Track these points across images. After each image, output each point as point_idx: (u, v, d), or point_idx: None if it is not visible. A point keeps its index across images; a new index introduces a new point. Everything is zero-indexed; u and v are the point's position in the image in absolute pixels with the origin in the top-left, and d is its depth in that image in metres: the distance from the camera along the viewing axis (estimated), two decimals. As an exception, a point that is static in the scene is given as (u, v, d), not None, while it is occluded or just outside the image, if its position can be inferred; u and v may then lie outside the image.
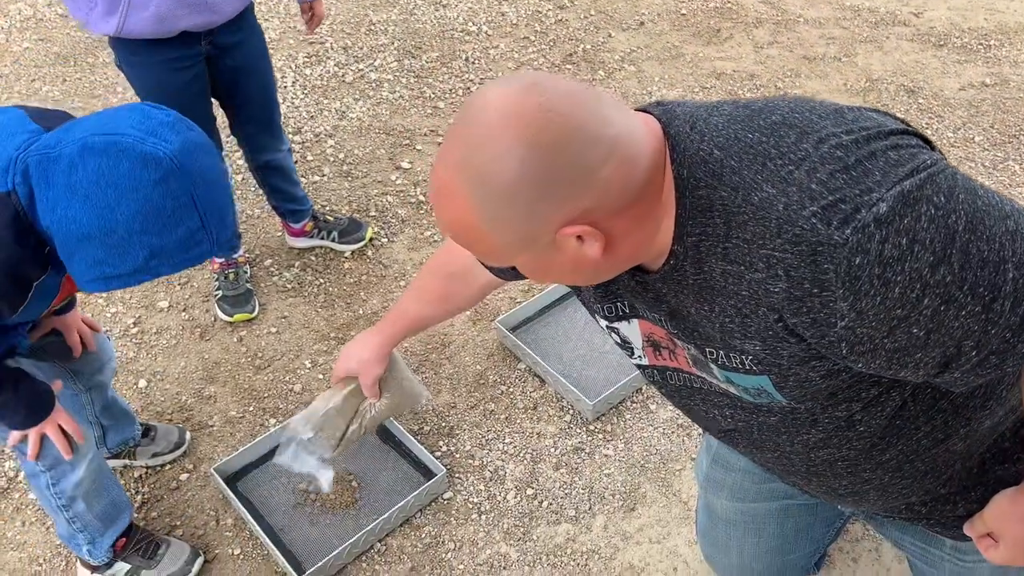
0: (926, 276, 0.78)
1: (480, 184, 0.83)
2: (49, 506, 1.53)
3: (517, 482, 1.81)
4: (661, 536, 1.69)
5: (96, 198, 1.10)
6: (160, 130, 1.13)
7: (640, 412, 1.93)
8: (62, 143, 1.13)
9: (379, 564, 1.68)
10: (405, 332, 1.48)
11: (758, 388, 0.98)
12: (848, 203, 0.78)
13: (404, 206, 2.57)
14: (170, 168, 1.11)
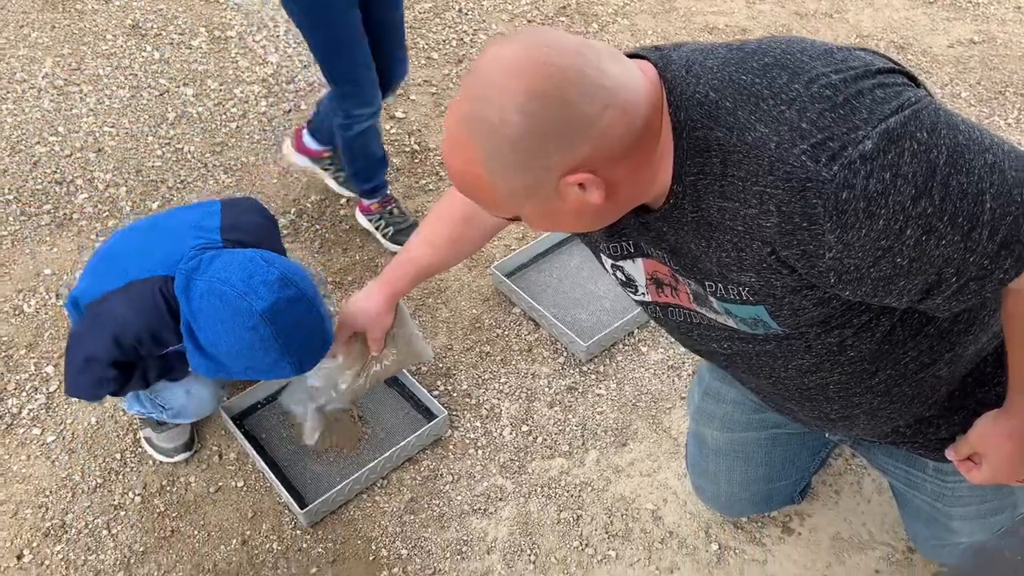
0: (908, 208, 0.82)
1: (485, 134, 0.86)
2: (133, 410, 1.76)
3: (512, 419, 1.86)
4: (651, 470, 1.76)
5: (207, 328, 1.45)
6: (259, 288, 1.43)
7: (632, 354, 1.99)
8: (201, 274, 1.46)
9: (379, 496, 1.74)
10: (413, 280, 1.50)
11: (755, 318, 1.02)
12: (836, 141, 0.82)
13: (399, 155, 2.58)
14: (260, 320, 1.42)
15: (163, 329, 1.52)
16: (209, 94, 2.85)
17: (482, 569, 1.61)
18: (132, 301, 1.51)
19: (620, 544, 1.64)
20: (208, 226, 1.60)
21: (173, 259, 1.52)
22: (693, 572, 1.59)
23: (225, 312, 1.44)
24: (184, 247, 1.53)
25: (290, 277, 1.48)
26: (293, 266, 1.53)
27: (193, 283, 1.47)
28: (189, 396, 1.66)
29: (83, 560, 1.66)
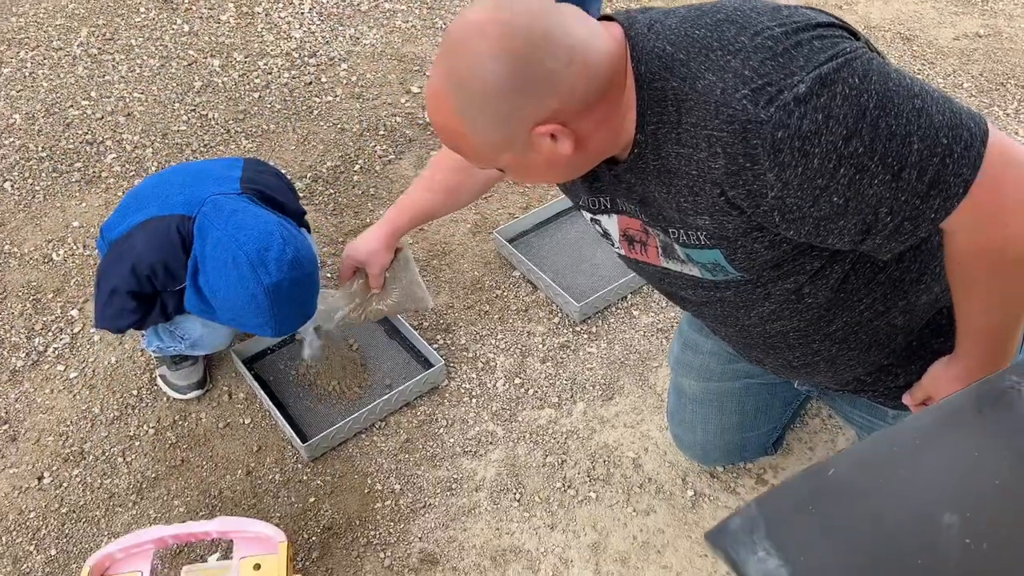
0: (840, 148, 0.90)
1: (461, 89, 0.96)
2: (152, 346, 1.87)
3: (506, 372, 1.96)
4: (635, 422, 1.84)
5: (211, 275, 1.58)
6: (269, 265, 1.55)
7: (623, 317, 2.07)
8: (222, 223, 1.58)
9: (377, 436, 1.84)
10: (411, 222, 1.60)
11: (714, 263, 1.11)
12: (774, 86, 0.90)
13: (412, 127, 2.69)
14: (262, 292, 1.56)
15: (176, 264, 1.63)
16: (235, 65, 2.97)
17: (470, 505, 1.71)
18: (149, 235, 1.62)
19: (601, 487, 1.73)
20: (230, 176, 1.72)
21: (193, 200, 1.63)
22: (668, 515, 1.67)
23: (232, 272, 1.56)
24: (205, 192, 1.65)
25: (301, 260, 1.61)
26: (306, 246, 1.64)
27: (211, 230, 1.59)
28: (206, 328, 1.77)
29: (99, 483, 1.78)
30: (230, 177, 1.72)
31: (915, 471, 0.76)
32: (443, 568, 1.61)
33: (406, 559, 1.63)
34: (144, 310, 1.68)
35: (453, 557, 1.63)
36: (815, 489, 0.75)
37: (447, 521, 1.69)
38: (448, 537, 1.66)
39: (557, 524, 1.67)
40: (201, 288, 1.62)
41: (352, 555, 1.64)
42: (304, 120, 2.73)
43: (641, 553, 1.62)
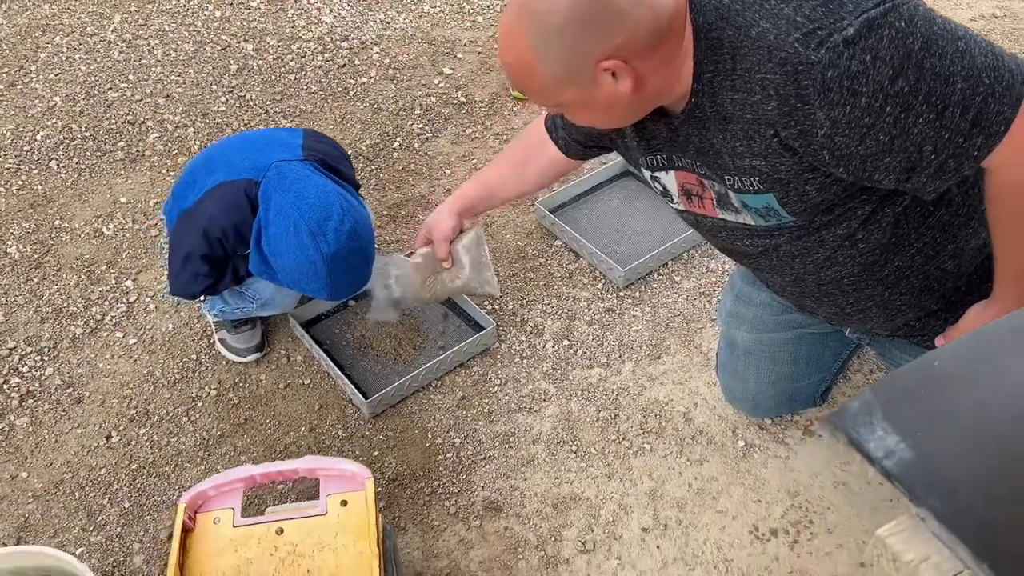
0: (887, 87, 0.97)
1: (533, 22, 1.03)
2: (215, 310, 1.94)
3: (555, 335, 2.02)
4: (683, 379, 1.91)
5: (274, 240, 1.65)
6: (328, 234, 1.62)
7: (666, 282, 2.14)
8: (285, 189, 1.64)
9: (434, 395, 1.90)
10: (478, 192, 1.64)
11: (767, 207, 1.18)
12: (824, 29, 0.97)
13: (447, 106, 2.75)
14: (320, 259, 1.63)
15: (246, 228, 1.69)
16: (268, 49, 3.03)
17: (528, 457, 1.77)
18: (219, 200, 1.68)
19: (654, 439, 1.79)
20: (292, 143, 1.78)
21: (260, 166, 1.69)
22: (721, 464, 1.74)
23: (292, 238, 1.63)
24: (270, 157, 1.71)
25: (359, 231, 1.68)
26: (363, 216, 1.71)
27: (275, 195, 1.65)
28: (278, 288, 1.83)
29: (166, 442, 1.83)
30: (293, 144, 1.78)
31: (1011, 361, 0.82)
32: (507, 515, 1.67)
33: (470, 507, 1.69)
34: (217, 274, 1.74)
35: (516, 504, 1.69)
36: (923, 379, 0.81)
37: (507, 472, 1.75)
38: (510, 486, 1.72)
39: (614, 474, 1.73)
40: (264, 251, 1.68)
41: (418, 503, 1.70)
42: (340, 100, 2.79)
43: (697, 499, 1.68)
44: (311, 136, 1.84)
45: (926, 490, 0.71)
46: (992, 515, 0.71)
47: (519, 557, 1.61)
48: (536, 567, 1.59)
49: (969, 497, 0.72)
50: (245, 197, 1.68)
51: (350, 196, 1.74)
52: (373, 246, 1.75)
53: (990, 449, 0.75)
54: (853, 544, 1.59)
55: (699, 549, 1.60)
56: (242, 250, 1.73)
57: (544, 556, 1.60)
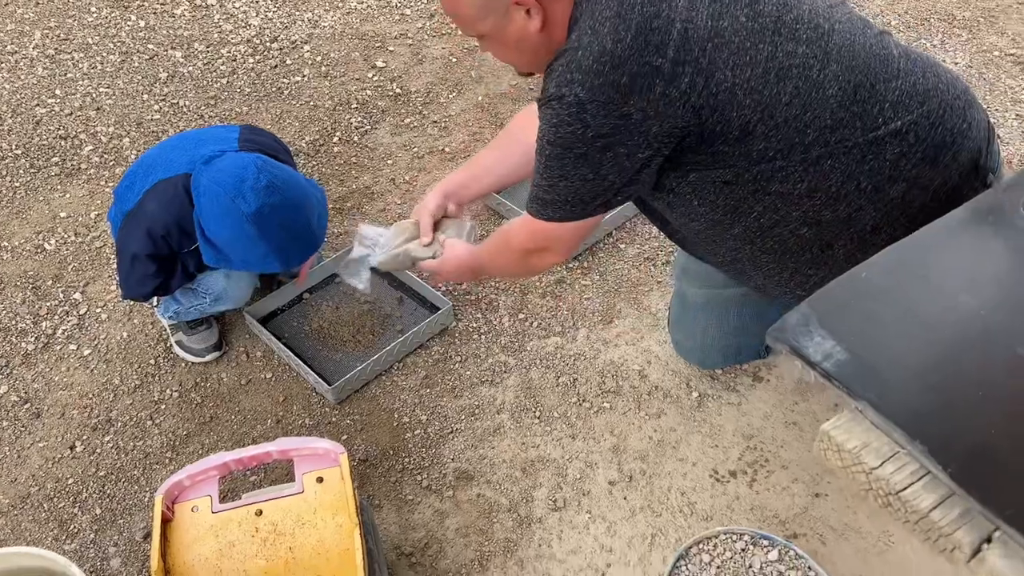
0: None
1: None
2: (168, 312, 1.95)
3: (510, 310, 2.08)
4: (635, 340, 1.98)
5: (208, 221, 1.67)
6: (246, 194, 1.63)
7: (611, 251, 2.21)
8: (206, 172, 1.66)
9: (397, 377, 1.94)
10: (462, 176, 1.68)
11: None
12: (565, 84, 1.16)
13: (383, 99, 2.78)
14: (246, 221, 1.63)
15: (188, 222, 1.70)
16: (198, 55, 3.01)
17: (494, 426, 1.82)
18: (158, 197, 1.69)
19: (613, 398, 1.86)
20: (228, 137, 1.79)
21: (194, 160, 1.70)
22: (677, 415, 1.82)
23: (219, 210, 1.65)
24: (205, 151, 1.72)
25: (278, 185, 1.67)
26: (287, 173, 1.71)
27: (202, 180, 1.67)
28: (229, 280, 1.84)
29: (132, 446, 1.83)
30: (229, 138, 1.79)
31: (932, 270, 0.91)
32: (478, 483, 1.72)
33: (442, 479, 1.73)
34: (166, 272, 1.74)
35: (486, 472, 1.74)
36: (853, 290, 0.89)
37: (475, 442, 1.80)
38: (479, 456, 1.77)
39: (577, 434, 1.80)
40: (209, 238, 1.69)
41: (391, 481, 1.74)
42: (276, 100, 2.79)
43: (658, 450, 1.76)
44: (248, 130, 1.86)
45: (862, 385, 0.79)
46: (920, 402, 0.79)
47: (493, 521, 1.66)
48: (511, 528, 1.64)
49: (900, 388, 0.79)
50: (183, 191, 1.69)
51: (271, 160, 1.73)
52: (307, 198, 1.73)
53: (916, 346, 0.84)
54: (807, 477, 1.68)
55: (664, 496, 1.68)
56: (188, 245, 1.74)
57: (517, 517, 1.66)
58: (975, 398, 0.77)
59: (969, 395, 0.78)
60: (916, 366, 0.81)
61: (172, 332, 2.00)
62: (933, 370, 0.81)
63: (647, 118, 1.13)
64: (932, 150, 1.20)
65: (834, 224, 1.28)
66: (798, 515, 1.62)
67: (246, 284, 1.91)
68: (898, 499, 0.74)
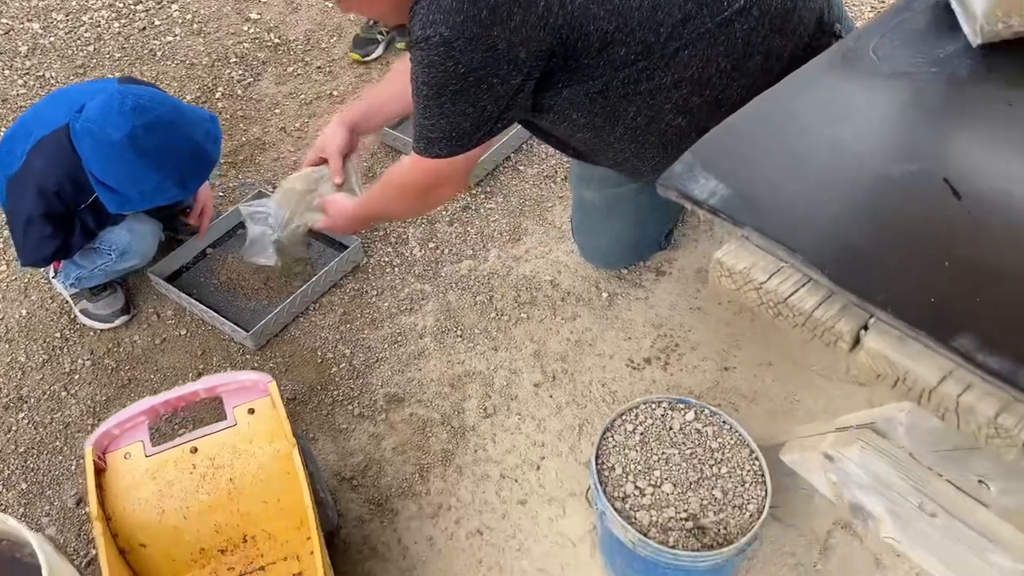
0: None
1: None
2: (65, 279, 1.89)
3: (419, 240, 2.11)
4: (544, 253, 2.05)
5: (93, 164, 1.62)
6: (115, 119, 1.57)
7: (512, 173, 2.26)
8: (80, 117, 1.61)
9: (315, 317, 1.95)
10: (362, 109, 1.68)
11: None
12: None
13: (262, 50, 2.72)
14: (121, 148, 1.57)
15: (79, 173, 1.65)
16: (57, 25, 2.86)
17: (418, 350, 1.87)
18: (43, 153, 1.63)
19: (529, 308, 1.93)
20: (105, 88, 1.72)
21: (73, 110, 1.64)
22: (591, 316, 1.90)
23: (97, 147, 1.60)
24: (82, 101, 1.66)
25: (145, 104, 1.61)
26: (154, 93, 1.67)
27: (75, 128, 1.62)
28: (132, 233, 1.80)
29: (49, 419, 1.79)
30: (106, 89, 1.72)
31: (797, 111, 0.99)
32: (409, 403, 1.77)
33: (373, 404, 1.77)
34: (65, 232, 1.69)
35: (416, 392, 1.79)
36: (730, 135, 0.97)
37: (401, 367, 1.84)
38: (407, 379, 1.81)
39: (499, 346, 1.86)
40: (102, 182, 1.64)
41: (322, 414, 1.76)
42: (149, 63, 2.69)
43: (576, 349, 1.84)
44: (127, 80, 1.80)
45: (744, 214, 0.87)
46: (795, 220, 0.87)
47: (429, 436, 1.71)
48: (446, 440, 1.70)
49: (777, 212, 0.88)
50: (67, 142, 1.63)
51: (143, 85, 1.71)
52: (181, 114, 1.69)
53: (788, 175, 0.92)
54: (715, 354, 1.80)
55: (586, 389, 1.76)
56: (84, 200, 1.69)
57: (451, 429, 1.72)
58: (841, 210, 0.86)
59: (836, 208, 0.87)
60: (789, 191, 0.89)
61: (75, 302, 1.94)
62: (804, 193, 0.90)
63: (512, 46, 1.17)
64: (778, 19, 1.30)
65: (704, 108, 1.36)
66: (711, 389, 1.74)
67: (150, 236, 1.87)
68: (786, 306, 0.83)
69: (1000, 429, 0.72)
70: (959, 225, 0.83)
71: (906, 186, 0.88)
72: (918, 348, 0.76)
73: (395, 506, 1.61)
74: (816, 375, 1.75)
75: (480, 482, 1.64)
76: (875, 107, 0.97)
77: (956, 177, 0.87)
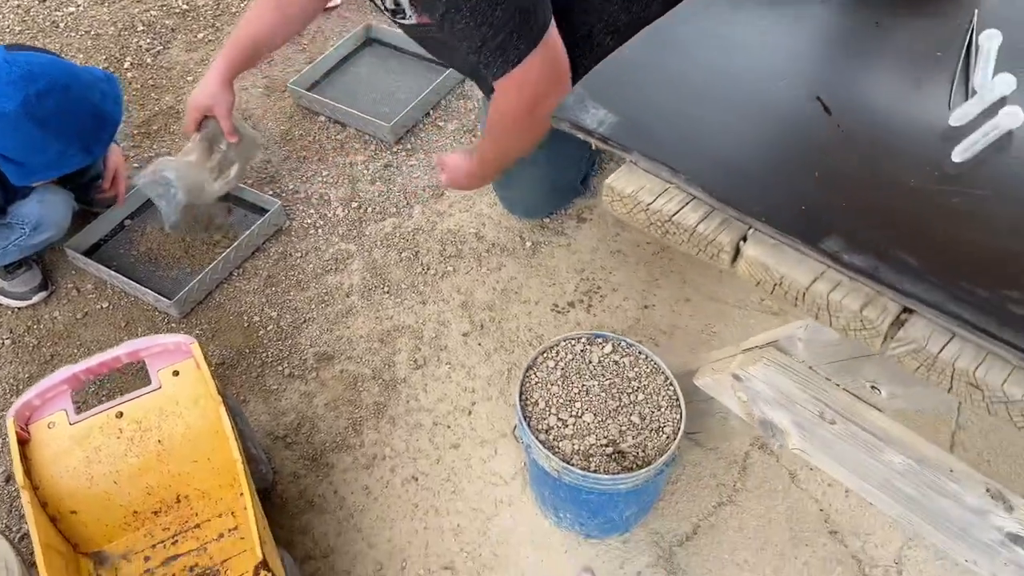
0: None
1: None
2: None
3: (342, 200, 2.11)
4: (468, 207, 2.07)
5: None
6: (6, 89, 1.52)
7: (432, 130, 2.27)
8: None
9: (238, 282, 1.94)
10: (244, 53, 1.65)
11: None
12: None
13: (170, 17, 2.65)
14: (17, 119, 1.52)
15: None
16: (-51, -2, 2.74)
17: (346, 308, 1.88)
18: None
19: (455, 261, 1.95)
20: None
21: None
22: (515, 265, 1.94)
23: None
24: None
25: (35, 71, 1.57)
26: (44, 59, 1.62)
27: None
28: (43, 205, 1.76)
29: (-30, 401, 1.76)
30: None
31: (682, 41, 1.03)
32: (339, 360, 1.79)
33: (303, 364, 1.78)
34: None
35: (346, 349, 1.80)
36: (618, 68, 1.00)
37: (330, 326, 1.85)
38: (335, 337, 1.83)
39: (427, 299, 1.88)
40: (4, 155, 1.60)
41: (252, 376, 1.77)
42: (52, 35, 2.60)
43: (502, 298, 1.88)
44: (15, 47, 1.72)
45: (631, 140, 0.91)
46: (679, 143, 0.91)
47: (360, 390, 1.74)
48: (378, 393, 1.73)
49: (661, 136, 0.92)
50: None
51: (31, 51, 1.67)
52: (75, 77, 1.65)
53: (672, 101, 0.96)
54: (635, 294, 1.86)
55: (513, 335, 1.81)
56: None
57: (383, 382, 1.74)
58: (722, 131, 0.91)
59: (717, 129, 0.91)
60: (673, 116, 0.94)
61: (-12, 282, 1.89)
62: (687, 116, 0.94)
63: None
64: None
65: (630, 30, 1.40)
66: (632, 326, 1.80)
67: (62, 206, 1.83)
68: (672, 224, 0.87)
69: (865, 321, 0.78)
70: (829, 138, 0.88)
71: (782, 105, 0.93)
72: (792, 253, 0.82)
73: (330, 460, 1.63)
74: (732, 307, 1.83)
75: (413, 431, 1.67)
76: (756, 33, 1.02)
77: (827, 94, 0.93)
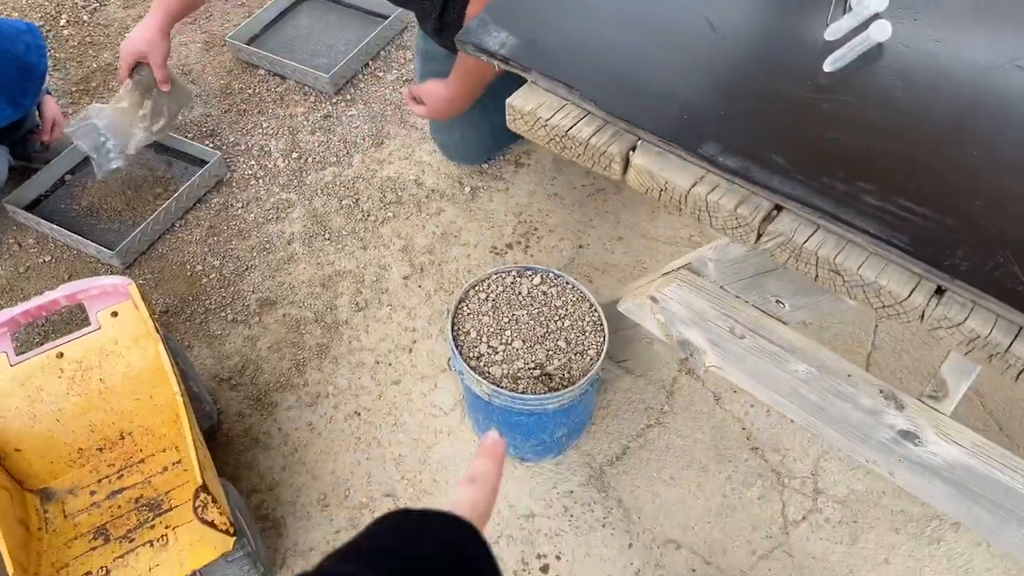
0: None
1: None
2: None
3: (282, 151, 2.13)
4: (407, 155, 2.11)
5: None
6: None
7: (371, 80, 2.29)
8: None
9: (181, 233, 1.97)
10: (181, 2, 1.66)
11: None
12: None
13: (106, -27, 2.62)
14: None
15: None
16: None
17: (287, 255, 1.92)
18: None
19: (395, 208, 1.99)
20: None
21: None
22: (455, 209, 1.99)
23: None
24: None
25: None
26: None
27: None
28: None
29: (-86, 356, 1.76)
30: None
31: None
32: (281, 305, 1.83)
33: (246, 309, 1.82)
34: None
35: (288, 295, 1.84)
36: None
37: (272, 272, 1.88)
38: (278, 283, 1.86)
39: (368, 245, 1.93)
40: None
41: (196, 323, 1.80)
42: (-17, -7, 2.56)
43: (442, 241, 1.93)
44: None
45: (530, 60, 0.95)
46: (573, 62, 0.96)
47: (303, 333, 1.78)
48: (320, 335, 1.77)
49: (558, 56, 0.97)
50: None
51: None
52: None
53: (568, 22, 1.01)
54: (570, 235, 1.92)
55: (453, 276, 1.86)
56: None
57: (325, 325, 1.79)
58: (615, 49, 0.96)
59: (611, 48, 0.96)
60: (570, 36, 0.98)
61: (-74, 239, 1.89)
62: (583, 37, 0.99)
63: None
64: None
65: None
66: (567, 265, 1.86)
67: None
68: (568, 138, 0.93)
69: (740, 219, 0.84)
70: (714, 53, 0.94)
71: (672, 26, 0.98)
72: (674, 160, 0.88)
73: (274, 399, 1.68)
74: (662, 244, 1.89)
75: (356, 369, 1.72)
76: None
77: (715, 16, 0.98)
